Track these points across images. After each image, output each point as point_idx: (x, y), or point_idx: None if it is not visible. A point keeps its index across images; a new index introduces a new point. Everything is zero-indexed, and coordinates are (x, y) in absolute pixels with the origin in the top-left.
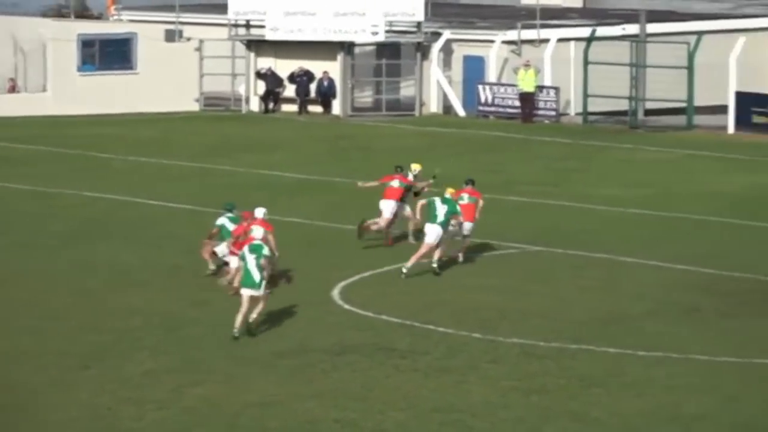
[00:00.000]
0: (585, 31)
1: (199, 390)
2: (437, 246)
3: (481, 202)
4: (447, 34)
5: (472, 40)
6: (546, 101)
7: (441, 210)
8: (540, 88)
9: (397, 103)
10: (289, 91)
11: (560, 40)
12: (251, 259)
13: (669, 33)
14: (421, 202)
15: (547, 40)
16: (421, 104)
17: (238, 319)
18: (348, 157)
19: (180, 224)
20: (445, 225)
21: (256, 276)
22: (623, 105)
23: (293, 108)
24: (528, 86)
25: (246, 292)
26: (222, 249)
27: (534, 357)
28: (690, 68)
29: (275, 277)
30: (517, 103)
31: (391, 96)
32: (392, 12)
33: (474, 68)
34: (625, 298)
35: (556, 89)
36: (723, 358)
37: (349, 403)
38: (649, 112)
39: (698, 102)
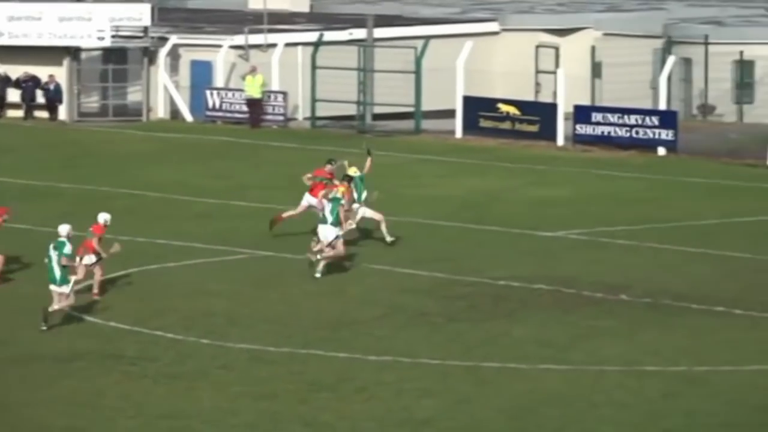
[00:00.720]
0: (312, 36)
1: None
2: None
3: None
4: (174, 38)
5: (200, 45)
6: (274, 106)
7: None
8: (268, 93)
9: (125, 108)
10: (15, 96)
11: (288, 44)
12: (54, 256)
13: (396, 38)
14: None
15: (274, 45)
16: (149, 109)
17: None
18: (75, 163)
19: None
20: (336, 223)
21: (57, 272)
22: (351, 109)
23: (19, 113)
24: (255, 91)
25: (51, 288)
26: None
27: (263, 362)
28: (417, 73)
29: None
30: (245, 108)
31: (118, 101)
32: (119, 17)
33: (201, 73)
34: (354, 303)
35: (284, 94)
36: (452, 362)
37: (79, 410)
38: (377, 117)
39: (426, 106)
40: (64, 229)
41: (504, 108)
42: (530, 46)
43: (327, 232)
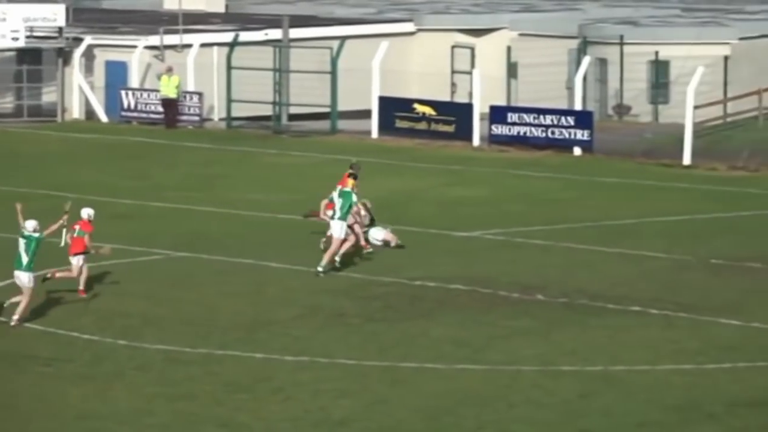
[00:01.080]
0: (228, 36)
1: None
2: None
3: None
4: (89, 39)
5: (115, 46)
6: (189, 106)
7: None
8: (183, 93)
9: (39, 109)
10: None
11: (203, 45)
12: (22, 244)
13: (312, 38)
14: (325, 201)
15: (190, 45)
16: (64, 110)
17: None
18: None
19: None
20: (346, 218)
21: (24, 259)
22: (267, 110)
23: None
24: (170, 92)
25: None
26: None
27: (180, 363)
28: (333, 73)
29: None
30: (161, 109)
31: (33, 102)
32: (33, 17)
33: (116, 73)
34: (271, 304)
35: (200, 94)
36: (369, 362)
37: None
38: (293, 117)
39: (342, 107)
40: (31, 224)
41: (420, 108)
42: (446, 46)
43: (337, 227)
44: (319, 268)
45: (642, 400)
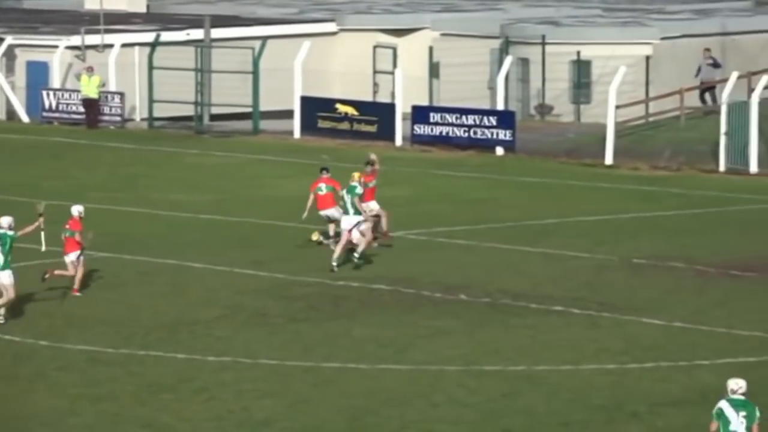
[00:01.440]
0: (149, 36)
1: None
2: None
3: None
4: (9, 39)
5: (36, 46)
6: (111, 107)
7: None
8: (104, 93)
9: None
10: None
11: (125, 45)
12: None
13: (234, 38)
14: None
15: (111, 46)
16: None
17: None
18: None
19: None
20: (358, 211)
21: (0, 260)
22: (189, 110)
23: None
24: (91, 92)
25: None
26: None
27: (102, 364)
28: (255, 73)
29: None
30: (82, 109)
31: None
32: None
33: (38, 73)
34: (193, 304)
35: (121, 94)
36: (292, 362)
37: None
38: (215, 117)
39: (264, 107)
40: (6, 220)
41: (342, 108)
42: (368, 46)
43: (350, 222)
44: (356, 258)
45: (565, 400)
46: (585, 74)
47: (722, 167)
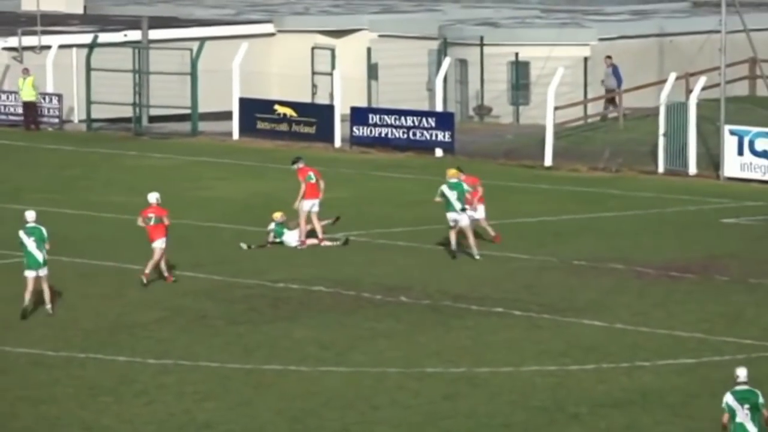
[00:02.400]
0: (87, 38)
1: None
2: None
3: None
4: None
5: None
6: (49, 108)
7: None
8: (42, 95)
9: None
10: None
11: (62, 46)
12: (30, 242)
13: (172, 39)
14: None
15: (48, 47)
16: None
17: (27, 298)
18: None
19: None
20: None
21: (39, 256)
22: (128, 112)
23: None
24: (27, 95)
25: (30, 274)
26: None
27: (42, 366)
28: (193, 74)
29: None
30: (20, 110)
31: None
32: None
33: None
34: (134, 306)
35: (59, 96)
36: (232, 365)
37: None
38: (154, 119)
39: (203, 108)
40: (31, 215)
41: (281, 110)
42: (306, 47)
43: (461, 217)
44: (477, 256)
45: (506, 402)
46: (523, 75)
47: (661, 168)
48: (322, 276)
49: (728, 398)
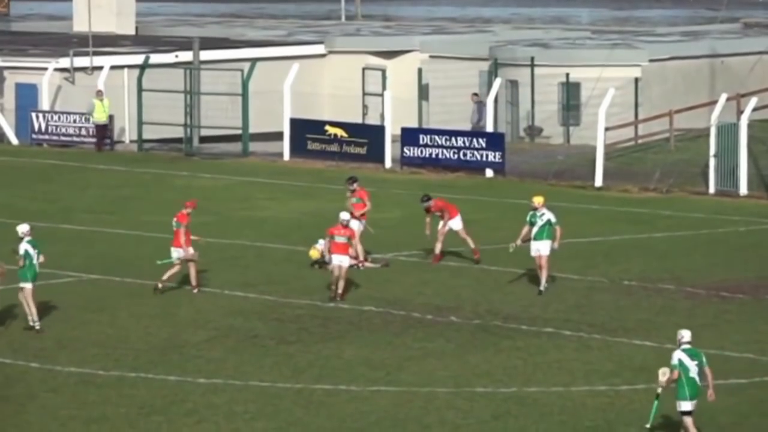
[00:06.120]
0: (138, 59)
1: None
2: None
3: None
4: None
5: (25, 68)
6: None
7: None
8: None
9: None
10: None
11: (114, 67)
12: (35, 255)
13: (223, 60)
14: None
15: (100, 68)
16: None
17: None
18: None
19: None
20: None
21: (37, 269)
22: (179, 132)
23: None
24: (101, 117)
25: (28, 286)
26: None
27: (93, 386)
28: (244, 95)
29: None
30: (71, 131)
31: None
32: None
33: (27, 96)
34: (183, 326)
35: (111, 117)
36: (283, 384)
37: None
38: (204, 139)
39: (254, 129)
40: (26, 228)
41: (331, 130)
42: (357, 68)
43: (543, 246)
44: (542, 287)
45: (556, 422)
46: (574, 96)
47: (712, 189)
48: (372, 295)
49: (681, 355)
